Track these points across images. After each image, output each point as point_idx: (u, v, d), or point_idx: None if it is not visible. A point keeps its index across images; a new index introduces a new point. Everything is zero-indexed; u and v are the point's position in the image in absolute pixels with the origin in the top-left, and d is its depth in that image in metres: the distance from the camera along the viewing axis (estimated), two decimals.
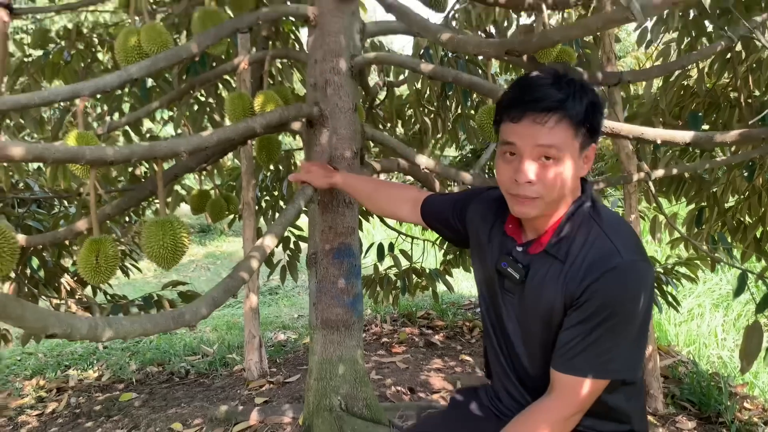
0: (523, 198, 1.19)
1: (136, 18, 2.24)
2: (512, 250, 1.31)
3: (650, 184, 2.53)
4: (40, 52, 3.24)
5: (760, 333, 1.95)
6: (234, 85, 3.84)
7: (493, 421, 1.39)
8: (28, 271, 3.14)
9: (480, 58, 3.56)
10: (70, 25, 3.32)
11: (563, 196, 1.20)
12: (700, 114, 2.86)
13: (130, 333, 1.24)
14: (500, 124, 1.23)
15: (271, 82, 3.58)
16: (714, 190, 3.20)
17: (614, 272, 1.12)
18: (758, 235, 3.09)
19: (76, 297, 3.43)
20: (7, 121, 3.69)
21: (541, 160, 1.16)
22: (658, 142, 1.49)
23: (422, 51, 3.33)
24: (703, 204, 3.22)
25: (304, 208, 2.10)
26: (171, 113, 4.92)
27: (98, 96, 3.53)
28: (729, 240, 3.08)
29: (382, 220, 4.11)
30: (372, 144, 4.04)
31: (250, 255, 1.64)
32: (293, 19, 3.58)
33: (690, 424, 2.69)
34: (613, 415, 1.26)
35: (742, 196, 3.18)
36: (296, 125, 2.27)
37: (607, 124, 1.59)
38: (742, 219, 3.19)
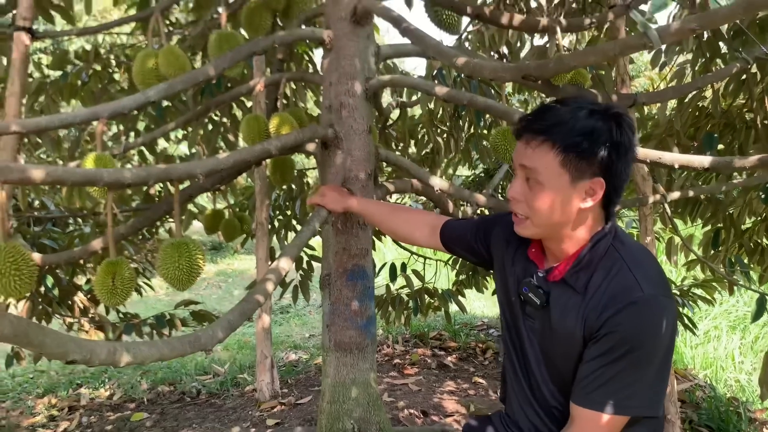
0: (514, 215, 1.26)
1: (154, 40, 2.27)
2: (534, 275, 1.30)
3: (666, 206, 2.51)
4: (58, 73, 3.29)
5: None
6: (248, 105, 3.88)
7: None
8: (43, 290, 3.16)
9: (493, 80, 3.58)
10: (88, 47, 3.38)
11: (557, 224, 1.20)
12: (715, 135, 2.85)
13: (148, 358, 1.24)
14: None
15: (285, 102, 3.61)
16: (730, 211, 3.16)
17: (634, 306, 1.10)
18: None
19: (89, 315, 3.44)
20: (24, 139, 3.75)
21: (527, 181, 1.20)
22: (676, 166, 1.48)
23: (435, 72, 3.35)
24: (719, 225, 3.19)
25: (318, 230, 2.10)
26: (185, 132, 4.98)
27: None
28: (746, 262, 3.04)
29: (395, 240, 4.10)
30: (384, 165, 4.06)
31: (266, 278, 1.64)
32: (307, 41, 3.63)
33: None
34: None
35: (759, 218, 3.15)
36: (311, 146, 2.28)
37: None
38: (759, 241, 3.15)
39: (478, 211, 3.98)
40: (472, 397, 3.27)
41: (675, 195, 2.42)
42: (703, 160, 1.42)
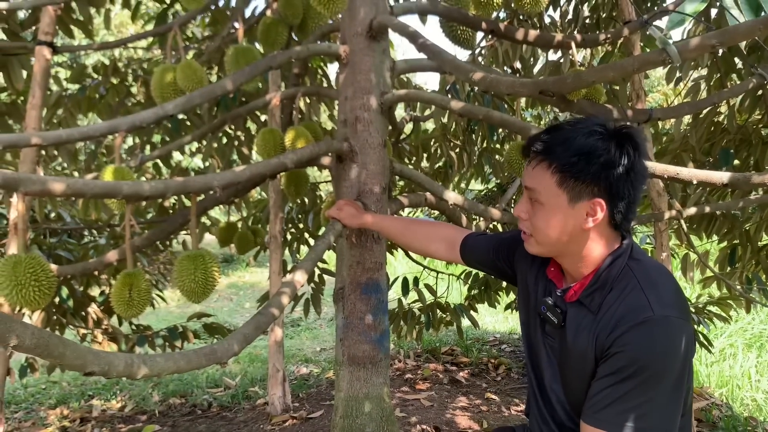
0: (522, 232, 1.29)
1: (172, 53, 2.30)
2: (552, 293, 1.31)
3: (682, 222, 2.49)
4: (76, 86, 3.34)
5: None
6: (262, 119, 3.91)
7: None
8: (57, 300, 3.18)
9: (507, 94, 3.59)
10: (106, 61, 3.43)
11: (561, 243, 1.20)
12: (731, 151, 2.83)
13: (165, 370, 1.24)
14: None
15: (300, 116, 3.64)
16: (747, 227, 3.13)
17: (643, 326, 1.09)
18: None
19: (103, 327, 3.45)
20: (41, 152, 3.80)
21: (531, 201, 1.23)
22: (694, 182, 1.47)
23: (449, 87, 3.36)
24: (735, 242, 3.16)
25: (333, 243, 2.11)
26: (199, 146, 5.02)
27: None
28: (764, 279, 3.01)
29: (407, 254, 4.09)
30: (397, 178, 4.07)
31: (281, 291, 1.64)
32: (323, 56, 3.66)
33: None
34: None
35: None
36: (326, 160, 2.29)
37: None
38: None
39: (491, 226, 3.98)
40: (484, 413, 3.24)
41: (691, 211, 2.40)
42: (722, 176, 1.41)
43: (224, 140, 3.89)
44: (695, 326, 3.04)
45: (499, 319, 6.19)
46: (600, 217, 1.16)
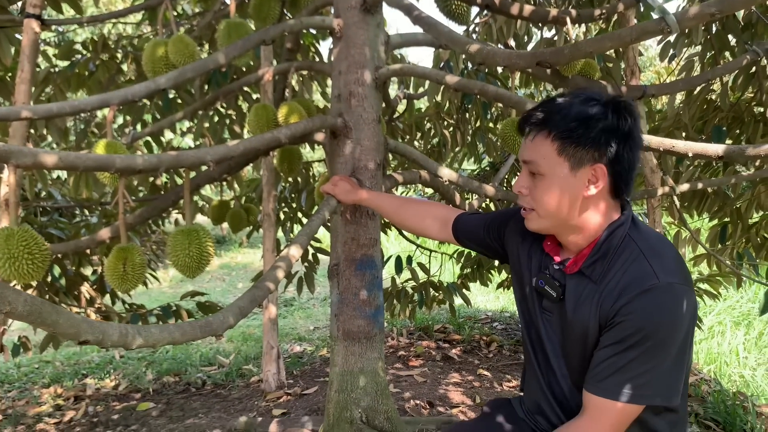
0: (523, 208, 1.28)
1: (163, 30, 2.27)
2: (549, 267, 1.30)
3: (675, 198, 2.50)
4: (65, 63, 3.29)
5: None
6: (254, 97, 3.88)
7: None
8: (49, 279, 3.16)
9: (500, 71, 3.57)
10: (95, 38, 3.37)
11: (564, 213, 1.19)
12: (724, 128, 2.84)
13: (160, 341, 1.24)
14: None
15: (292, 94, 3.61)
16: (738, 205, 3.16)
17: (649, 294, 1.09)
18: None
19: (96, 306, 3.45)
20: (31, 131, 3.75)
21: (531, 175, 1.22)
22: (690, 155, 1.47)
23: (442, 64, 3.34)
24: (726, 220, 3.18)
25: (327, 219, 2.10)
26: (190, 124, 4.97)
27: (121, 107, 3.59)
28: (754, 256, 3.04)
29: (400, 232, 4.10)
30: (391, 157, 4.05)
31: (276, 265, 1.64)
32: (314, 32, 3.62)
33: None
34: None
35: (766, 213, 3.14)
36: (320, 136, 2.28)
37: None
38: (766, 236, 3.14)
39: (483, 204, 3.99)
40: (477, 388, 3.28)
41: (684, 187, 2.42)
42: (717, 149, 1.42)
43: (216, 119, 3.86)
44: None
45: (491, 298, 6.23)
46: (601, 183, 1.16)
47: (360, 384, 2.19)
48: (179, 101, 3.56)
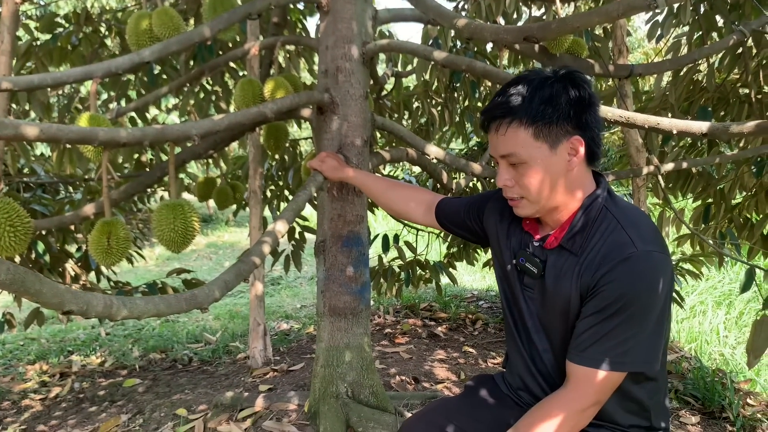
0: (511, 200, 1.28)
1: (147, 2, 2.23)
2: (529, 244, 1.31)
3: (660, 178, 2.52)
4: (47, 37, 3.23)
5: None
6: (240, 74, 3.84)
7: (514, 409, 1.39)
8: (33, 256, 3.14)
9: (489, 50, 3.56)
10: (78, 10, 3.31)
11: (553, 192, 1.21)
12: (709, 109, 2.86)
13: (144, 313, 1.24)
14: None
15: (279, 70, 3.57)
16: (721, 186, 3.19)
17: (628, 262, 1.11)
18: (765, 233, 3.08)
19: (81, 283, 3.43)
20: (13, 105, 3.69)
21: (512, 166, 1.22)
22: (674, 132, 1.48)
23: (431, 42, 3.32)
24: (709, 200, 3.22)
25: (314, 195, 2.10)
26: (176, 101, 4.92)
27: (105, 81, 3.53)
28: (736, 235, 3.08)
29: (390, 215, 4.10)
30: (378, 135, 4.04)
31: (262, 240, 1.64)
32: (301, 7, 3.58)
33: (694, 419, 2.69)
34: (634, 408, 1.25)
35: (749, 193, 3.18)
36: (306, 112, 2.27)
37: (622, 114, 1.58)
38: (748, 216, 3.18)
39: (471, 184, 3.99)
40: (462, 365, 3.31)
41: (669, 166, 2.44)
42: (702, 126, 1.43)
43: (202, 95, 3.82)
44: None
45: (477, 277, 6.28)
46: (582, 153, 1.19)
47: (346, 359, 2.21)
48: (164, 77, 3.51)
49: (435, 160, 2.69)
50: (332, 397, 2.18)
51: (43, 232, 3.18)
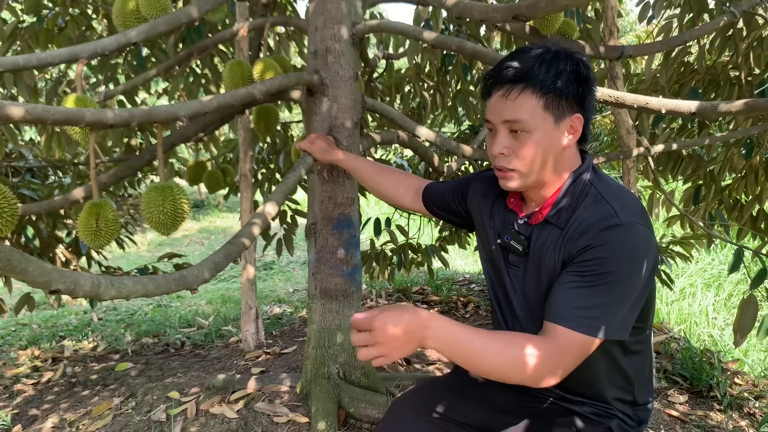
0: (500, 170, 1.24)
1: None
2: (514, 223, 1.32)
3: (650, 159, 2.53)
4: (34, 19, 3.19)
5: (755, 307, 1.97)
6: (230, 57, 3.80)
7: (501, 386, 1.40)
8: (23, 241, 3.12)
9: (482, 33, 3.54)
10: None
11: (546, 167, 1.20)
12: (699, 91, 2.86)
13: (132, 293, 1.23)
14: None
15: (268, 54, 3.54)
16: (711, 168, 3.21)
17: (611, 230, 1.11)
18: (754, 214, 3.10)
19: (71, 268, 3.41)
20: (0, 89, 3.64)
21: (512, 134, 1.19)
22: (663, 111, 1.48)
23: (422, 24, 3.30)
24: (699, 182, 3.23)
25: (304, 178, 2.09)
26: (165, 85, 4.87)
27: (93, 64, 3.49)
28: (726, 217, 3.10)
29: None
30: (370, 118, 4.02)
31: (252, 221, 1.64)
32: None
33: (682, 398, 2.72)
34: (619, 381, 1.26)
35: (739, 175, 3.19)
36: (296, 94, 2.25)
37: (612, 94, 1.58)
38: (738, 198, 3.20)
39: (462, 168, 3.99)
40: None
41: (659, 148, 2.44)
42: (690, 105, 1.43)
43: (191, 79, 3.78)
44: (659, 266, 3.13)
45: (469, 261, 6.30)
46: (579, 131, 1.20)
47: (337, 341, 2.22)
48: (153, 60, 3.48)
49: (426, 143, 2.68)
50: (324, 378, 2.20)
51: (33, 217, 3.17)
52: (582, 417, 1.28)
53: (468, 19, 2.49)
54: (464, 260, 6.35)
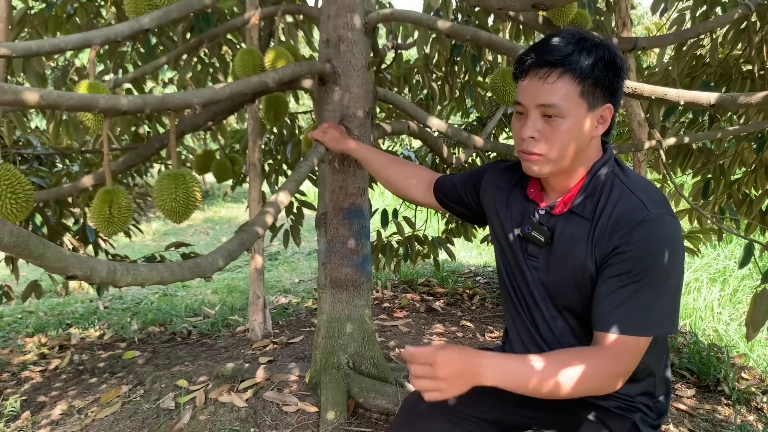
0: (528, 154, 1.21)
1: None
2: (535, 213, 1.30)
3: (661, 152, 2.52)
4: (43, 5, 3.17)
5: (767, 301, 1.96)
6: (238, 47, 3.79)
7: None
8: (31, 228, 3.12)
9: (491, 24, 3.52)
10: None
11: (572, 155, 1.19)
12: (711, 84, 2.84)
13: (148, 280, 1.23)
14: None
15: (273, 43, 3.52)
16: (721, 162, 3.19)
17: (643, 225, 1.10)
18: (764, 208, 3.09)
19: None
20: (8, 77, 3.63)
21: (545, 118, 1.17)
22: (681, 103, 1.47)
23: (432, 14, 3.28)
24: (709, 176, 3.22)
25: (315, 166, 2.08)
26: (173, 74, 4.86)
27: (101, 52, 3.48)
28: (735, 210, 3.09)
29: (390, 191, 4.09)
30: (378, 110, 4.00)
31: (265, 210, 1.63)
32: None
33: (689, 392, 2.72)
34: (643, 375, 1.25)
35: (748, 169, 3.18)
36: (307, 83, 2.24)
37: (629, 84, 1.57)
38: (747, 192, 3.19)
39: (470, 160, 3.98)
40: (460, 339, 3.34)
41: (671, 141, 2.43)
42: (710, 97, 1.42)
43: (199, 68, 3.77)
44: None
45: (474, 254, 6.30)
46: (608, 122, 1.20)
47: (347, 330, 2.22)
48: (161, 48, 3.47)
49: (436, 133, 2.67)
50: (333, 368, 2.20)
51: (41, 205, 3.17)
52: (606, 411, 1.28)
53: (484, 8, 2.47)
54: (469, 253, 6.35)
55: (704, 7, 2.95)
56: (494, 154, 3.81)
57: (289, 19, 3.67)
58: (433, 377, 1.06)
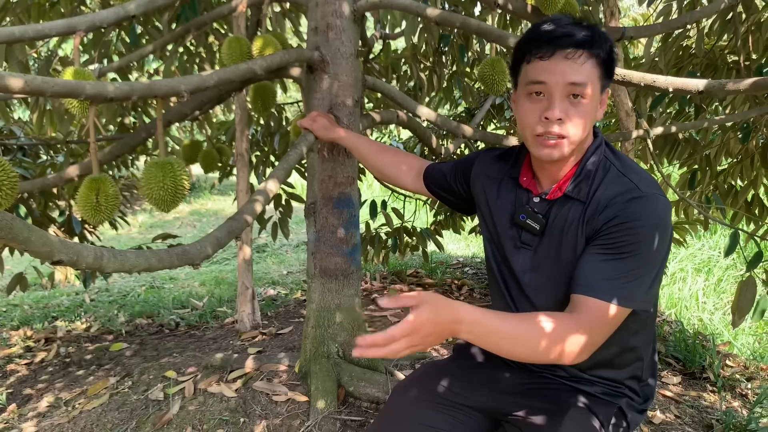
0: (547, 137, 1.17)
1: None
2: (529, 201, 1.30)
3: (648, 142, 2.53)
4: None
5: (753, 288, 1.98)
6: (225, 35, 3.75)
7: (502, 367, 1.40)
8: None
9: (477, 12, 3.51)
10: None
11: (584, 137, 1.20)
12: (698, 74, 2.86)
13: (135, 266, 1.22)
14: (522, 64, 1.21)
15: (260, 32, 3.49)
16: (707, 153, 3.22)
17: (636, 202, 1.12)
18: (749, 199, 3.12)
19: None
20: None
21: (569, 98, 1.15)
22: (670, 90, 1.48)
23: (421, 2, 3.26)
24: (695, 167, 3.25)
25: (304, 155, 2.07)
26: (159, 65, 4.80)
27: (86, 41, 3.43)
28: (721, 200, 3.12)
29: (377, 179, 4.08)
30: (366, 100, 3.99)
31: (254, 198, 1.62)
32: None
33: (675, 379, 2.75)
34: (631, 358, 1.27)
35: (734, 160, 3.21)
36: (295, 71, 2.23)
37: (619, 72, 1.57)
38: (733, 183, 3.22)
39: (458, 151, 3.98)
40: None
41: (658, 130, 2.44)
42: (698, 83, 1.42)
43: (185, 57, 3.73)
44: None
45: (462, 246, 6.32)
46: (605, 106, 1.23)
47: (337, 320, 2.21)
48: (147, 38, 3.43)
49: (426, 123, 2.67)
50: (323, 357, 2.19)
51: (25, 196, 3.12)
52: (592, 397, 1.29)
53: None
54: (457, 244, 6.37)
55: None
56: (483, 144, 3.81)
57: (277, 8, 3.64)
58: (413, 344, 1.02)
